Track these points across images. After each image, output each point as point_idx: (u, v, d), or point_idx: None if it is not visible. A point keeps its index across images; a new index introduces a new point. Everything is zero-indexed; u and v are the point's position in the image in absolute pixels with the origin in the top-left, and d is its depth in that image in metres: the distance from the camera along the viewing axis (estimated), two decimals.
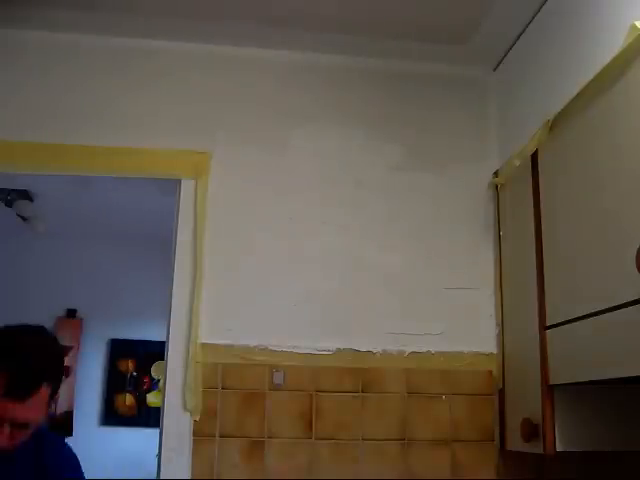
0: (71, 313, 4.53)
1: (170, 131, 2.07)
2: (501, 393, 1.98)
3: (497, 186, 2.09)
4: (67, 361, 4.45)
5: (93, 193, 3.50)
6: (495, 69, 2.22)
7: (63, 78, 2.08)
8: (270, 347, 1.95)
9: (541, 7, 1.87)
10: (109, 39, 2.10)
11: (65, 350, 4.44)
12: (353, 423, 1.93)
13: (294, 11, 1.97)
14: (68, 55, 2.09)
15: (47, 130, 2.02)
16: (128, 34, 2.09)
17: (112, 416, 4.50)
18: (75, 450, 1.81)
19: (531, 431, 1.68)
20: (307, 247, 2.04)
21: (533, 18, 1.92)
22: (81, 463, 1.53)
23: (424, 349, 2.01)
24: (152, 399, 4.55)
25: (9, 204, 3.72)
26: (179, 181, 2.06)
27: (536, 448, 1.68)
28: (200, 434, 1.87)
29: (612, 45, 1.43)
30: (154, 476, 1.92)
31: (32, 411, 1.32)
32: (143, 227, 3.94)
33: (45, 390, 1.33)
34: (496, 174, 2.10)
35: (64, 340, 4.47)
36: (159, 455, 1.89)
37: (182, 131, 2.08)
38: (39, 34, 2.08)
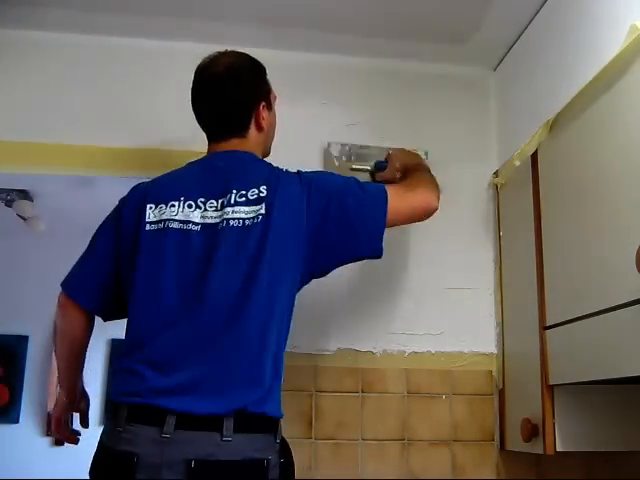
0: None
1: (170, 131, 2.07)
2: (501, 393, 1.98)
3: (497, 186, 2.09)
4: None
5: (93, 193, 3.49)
6: (495, 69, 2.22)
7: (63, 78, 2.08)
8: None
9: (541, 7, 1.87)
10: (109, 39, 2.10)
11: None
12: (353, 423, 1.93)
13: (294, 11, 1.97)
14: (68, 55, 2.09)
15: (47, 130, 2.02)
16: (128, 34, 2.09)
17: None
18: (75, 449, 1.81)
19: (531, 431, 1.68)
20: None
21: (533, 18, 1.92)
22: (81, 463, 1.54)
23: (424, 349, 2.01)
24: None
25: (9, 204, 3.73)
26: None
27: (536, 448, 1.68)
28: None
29: (612, 45, 1.43)
30: None
31: None
32: None
33: None
34: (496, 174, 2.10)
35: None
36: None
37: (182, 131, 2.07)
38: (38, 34, 2.08)
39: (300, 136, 2.09)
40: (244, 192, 1.44)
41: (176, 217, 1.44)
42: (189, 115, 2.09)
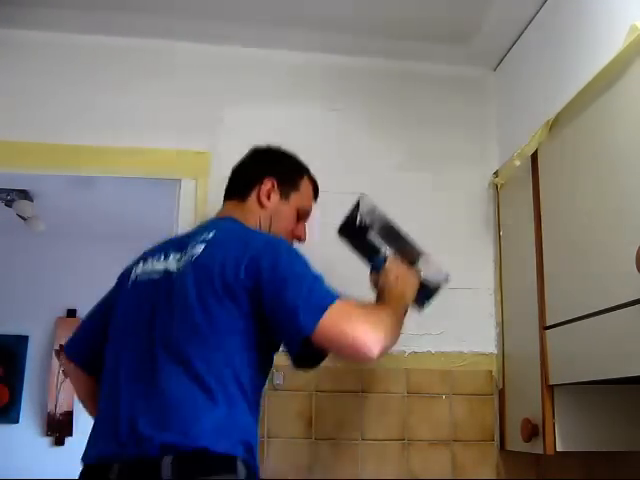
0: (71, 313, 4.52)
1: (170, 131, 2.07)
2: (501, 393, 1.98)
3: (497, 186, 2.09)
4: None
5: (93, 193, 3.50)
6: (495, 69, 2.22)
7: (63, 78, 2.08)
8: None
9: (541, 7, 1.87)
10: (109, 39, 2.10)
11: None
12: (353, 423, 1.93)
13: (294, 11, 1.97)
14: (68, 55, 2.09)
15: (47, 130, 2.02)
16: (128, 34, 2.09)
17: None
18: (76, 449, 1.80)
19: (531, 431, 1.68)
20: (306, 247, 2.03)
21: (533, 18, 1.92)
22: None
23: (424, 349, 2.01)
24: None
25: (9, 204, 3.72)
26: (179, 181, 2.06)
27: (536, 448, 1.68)
28: None
29: (612, 45, 1.43)
30: None
31: None
32: (143, 227, 3.93)
33: None
34: (496, 174, 2.10)
35: (64, 340, 4.48)
36: None
37: (182, 131, 2.08)
38: (39, 34, 2.08)
39: (300, 136, 2.08)
40: (199, 238, 1.41)
41: (147, 269, 1.46)
42: (189, 115, 2.10)
